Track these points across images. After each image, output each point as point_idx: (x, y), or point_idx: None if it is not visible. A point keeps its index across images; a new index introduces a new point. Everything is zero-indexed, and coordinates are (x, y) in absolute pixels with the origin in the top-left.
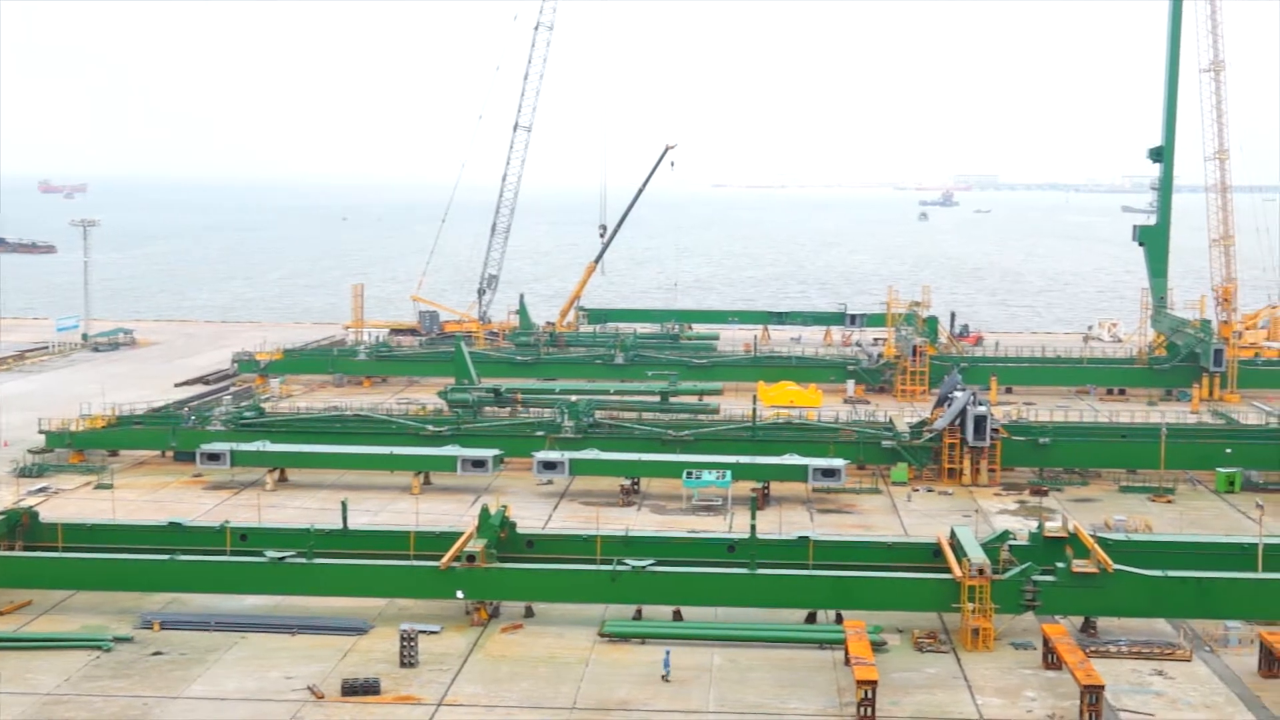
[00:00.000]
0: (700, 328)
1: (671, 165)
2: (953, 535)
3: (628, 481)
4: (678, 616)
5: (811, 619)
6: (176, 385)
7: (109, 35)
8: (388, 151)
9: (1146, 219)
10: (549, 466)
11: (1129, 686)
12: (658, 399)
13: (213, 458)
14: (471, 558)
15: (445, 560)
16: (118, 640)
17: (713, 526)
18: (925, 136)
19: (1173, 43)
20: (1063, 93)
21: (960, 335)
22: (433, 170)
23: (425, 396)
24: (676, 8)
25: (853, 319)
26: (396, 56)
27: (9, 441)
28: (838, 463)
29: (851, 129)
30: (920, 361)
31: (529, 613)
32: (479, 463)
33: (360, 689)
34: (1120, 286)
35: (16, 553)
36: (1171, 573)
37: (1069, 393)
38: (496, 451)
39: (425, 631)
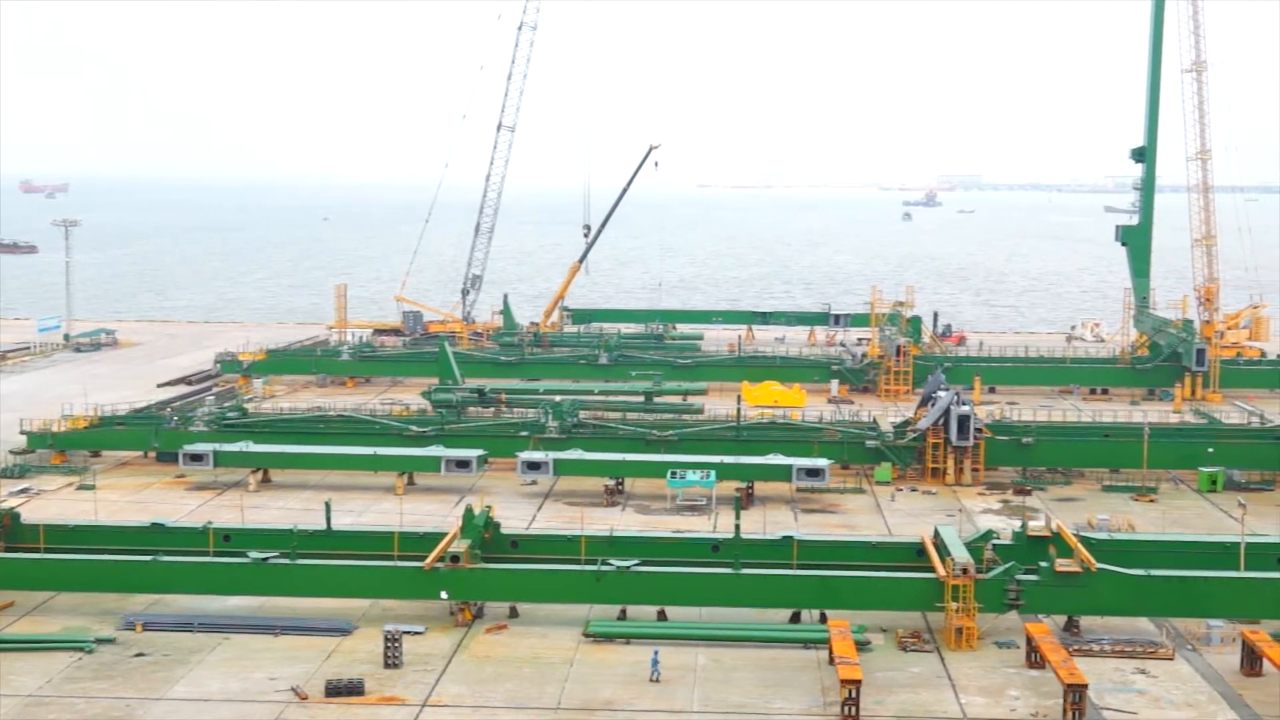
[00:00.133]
0: (684, 328)
1: (656, 165)
2: (936, 535)
3: (612, 482)
4: (662, 616)
5: (796, 619)
6: (159, 386)
7: (109, 35)
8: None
9: (1129, 219)
10: (533, 467)
11: (1112, 685)
12: (642, 399)
13: (195, 458)
14: (456, 558)
15: (429, 561)
16: (100, 642)
17: (697, 526)
18: (909, 137)
19: (1155, 43)
20: (1046, 93)
21: (943, 335)
22: (416, 170)
23: (409, 397)
24: (661, 7)
25: (837, 319)
26: (379, 55)
27: None
28: (822, 462)
29: (836, 129)
30: (904, 361)
31: (513, 613)
32: (463, 463)
33: (344, 690)
34: (1103, 286)
35: None
36: (1154, 572)
37: (1052, 392)
38: (480, 452)
39: (409, 632)
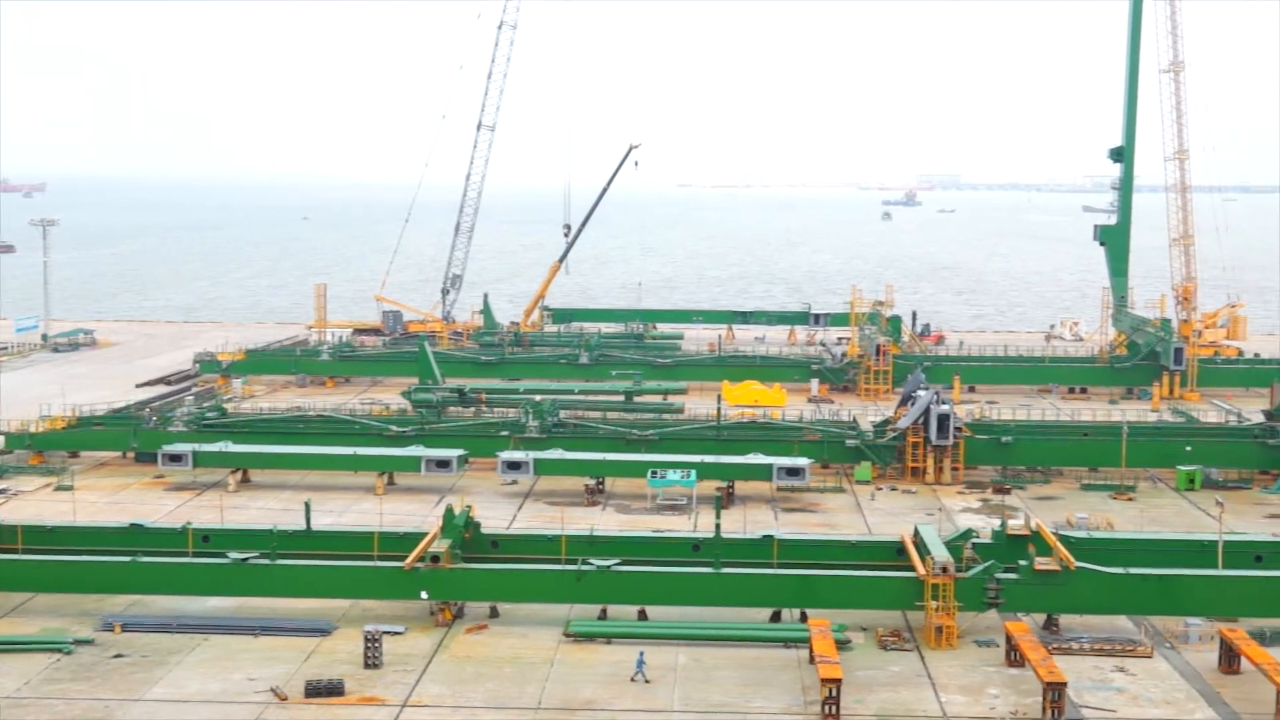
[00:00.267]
0: (665, 327)
1: (636, 165)
2: (916, 533)
3: (592, 481)
4: (643, 616)
5: (776, 618)
6: (138, 386)
7: (109, 35)
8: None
9: (1107, 219)
10: (513, 466)
11: (1091, 683)
12: (622, 398)
13: (174, 459)
14: (436, 558)
15: (409, 561)
16: (78, 643)
17: (677, 526)
18: (888, 137)
19: (1133, 43)
20: (1024, 93)
21: (922, 334)
22: (395, 169)
23: (389, 397)
24: (641, 7)
25: (817, 318)
26: (358, 55)
27: None
28: (802, 462)
29: (815, 129)
30: (884, 361)
31: (494, 613)
32: (443, 463)
33: (324, 690)
34: (1082, 285)
35: None
36: (1133, 570)
37: (1031, 391)
38: (461, 452)
39: (389, 632)
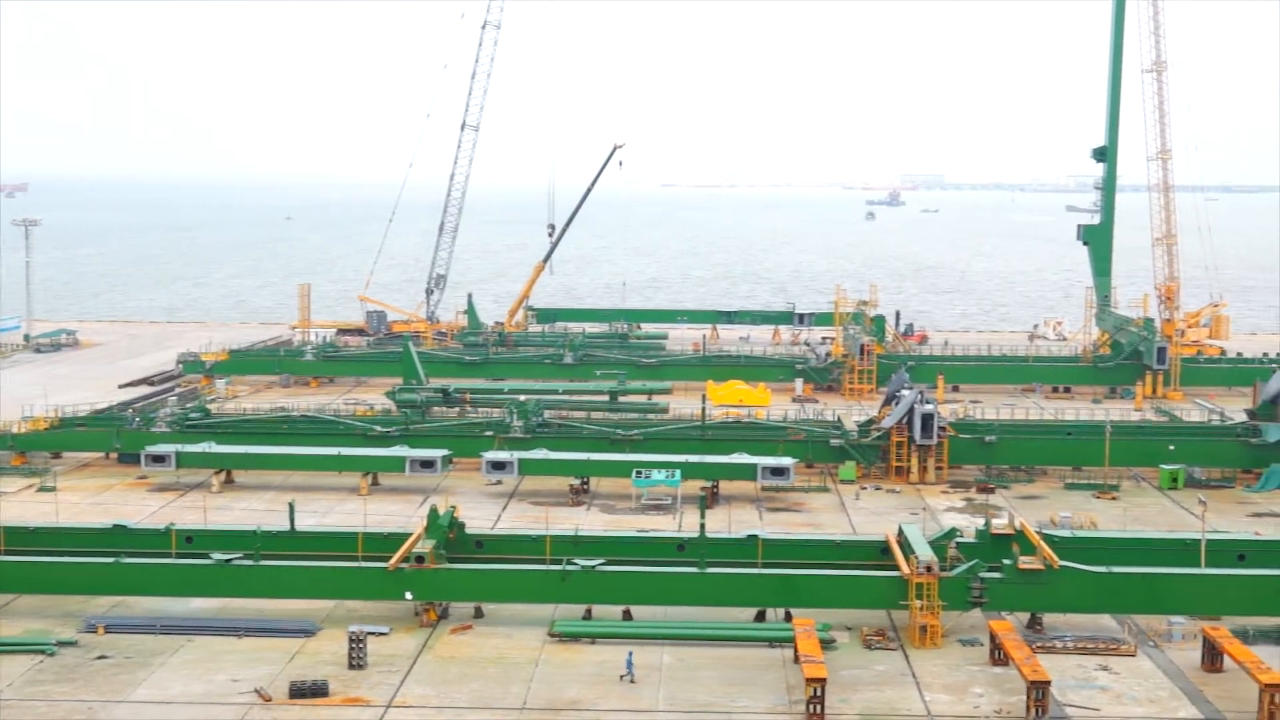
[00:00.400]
0: (649, 327)
1: (620, 165)
2: (900, 533)
3: (577, 481)
4: (627, 616)
5: (761, 617)
6: (121, 386)
7: (109, 35)
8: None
9: (1090, 218)
10: (498, 466)
11: (1075, 682)
12: (607, 398)
13: (158, 459)
14: (420, 559)
15: (394, 561)
16: (61, 644)
17: (662, 526)
18: (872, 136)
19: (1116, 43)
20: (1008, 93)
21: (906, 334)
22: (379, 169)
23: (373, 397)
24: (625, 7)
25: (801, 318)
26: (341, 54)
27: None
28: (786, 461)
29: (799, 129)
30: (868, 360)
31: (478, 613)
32: (427, 463)
33: (308, 691)
34: (1065, 285)
35: None
36: (1116, 569)
37: (1015, 391)
38: (445, 452)
39: (374, 633)
